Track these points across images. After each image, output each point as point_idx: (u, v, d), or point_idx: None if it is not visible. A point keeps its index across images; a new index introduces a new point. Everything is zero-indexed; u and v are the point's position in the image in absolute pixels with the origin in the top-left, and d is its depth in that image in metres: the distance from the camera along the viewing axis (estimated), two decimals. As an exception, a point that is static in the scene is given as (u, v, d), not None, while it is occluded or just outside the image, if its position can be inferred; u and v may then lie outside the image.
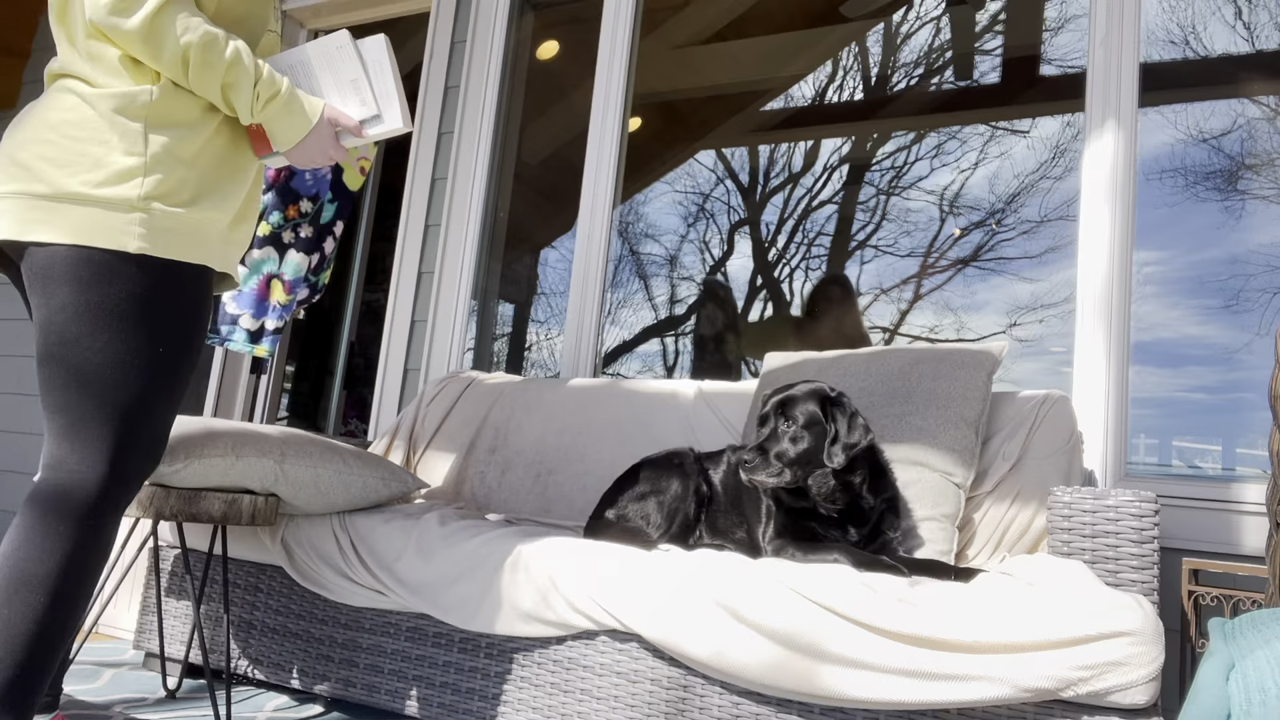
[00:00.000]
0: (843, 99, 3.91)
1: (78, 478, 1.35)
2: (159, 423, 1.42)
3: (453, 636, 1.86)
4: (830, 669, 1.44)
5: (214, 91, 1.44)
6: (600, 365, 3.28)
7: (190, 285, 1.42)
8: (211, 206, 1.45)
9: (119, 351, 1.35)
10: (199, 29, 1.40)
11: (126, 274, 1.35)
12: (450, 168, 3.39)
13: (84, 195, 1.34)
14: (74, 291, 1.34)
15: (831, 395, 1.78)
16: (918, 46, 3.75)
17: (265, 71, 1.47)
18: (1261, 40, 2.70)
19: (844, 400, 1.78)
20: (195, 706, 1.99)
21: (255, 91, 1.45)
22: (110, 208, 1.35)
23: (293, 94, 1.49)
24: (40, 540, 1.31)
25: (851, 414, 1.76)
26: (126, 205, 1.35)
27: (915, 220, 3.56)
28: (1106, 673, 1.29)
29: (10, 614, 1.29)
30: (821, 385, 1.80)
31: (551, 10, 3.74)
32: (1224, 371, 2.60)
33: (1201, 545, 2.14)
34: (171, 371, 1.40)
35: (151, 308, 1.37)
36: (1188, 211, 2.68)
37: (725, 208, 3.97)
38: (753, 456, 1.71)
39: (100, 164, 1.36)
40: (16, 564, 1.30)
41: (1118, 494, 1.61)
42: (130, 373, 1.36)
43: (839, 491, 1.76)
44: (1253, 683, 1.16)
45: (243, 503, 1.86)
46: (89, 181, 1.35)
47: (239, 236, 1.56)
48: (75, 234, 1.33)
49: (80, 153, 1.37)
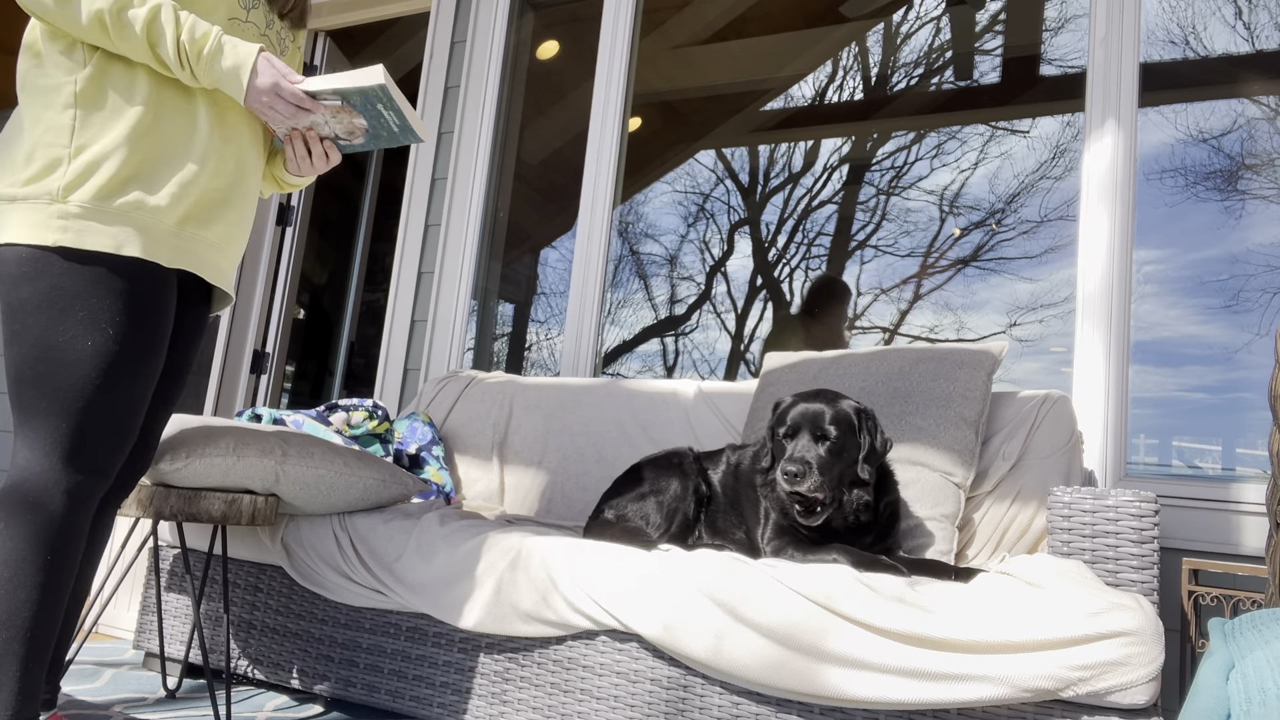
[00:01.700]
0: (843, 99, 3.91)
1: (28, 472, 1.35)
2: (108, 413, 1.38)
3: (453, 636, 1.86)
4: (830, 668, 1.44)
5: (138, 50, 1.38)
6: (600, 365, 3.28)
7: (122, 279, 1.37)
8: (147, 195, 1.40)
9: (46, 347, 1.34)
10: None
11: (50, 269, 1.33)
12: (450, 168, 3.39)
13: (10, 195, 1.35)
14: (5, 291, 1.35)
15: (862, 409, 1.79)
16: (918, 46, 3.75)
17: (189, 20, 1.39)
18: (1261, 40, 2.70)
19: (873, 413, 1.80)
20: (195, 706, 1.99)
21: (180, 43, 1.38)
22: (33, 203, 1.34)
23: (223, 39, 1.41)
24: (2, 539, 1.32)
25: (879, 427, 1.79)
26: (47, 198, 1.34)
27: (915, 220, 3.56)
28: (1106, 673, 1.29)
29: None
30: (848, 397, 1.81)
31: (551, 10, 3.74)
32: (1224, 371, 2.60)
33: (1201, 545, 2.14)
34: (109, 365, 1.37)
35: (78, 300, 1.34)
36: (1187, 211, 2.69)
37: (725, 208, 3.98)
38: (798, 468, 1.69)
39: (28, 161, 1.37)
40: None
41: (1118, 494, 1.61)
42: (59, 368, 1.34)
43: (864, 504, 1.77)
44: (1253, 683, 1.16)
45: (243, 503, 1.86)
46: (15, 181, 1.36)
47: (210, 236, 1.50)
48: (4, 234, 1.34)
49: (11, 155, 1.38)
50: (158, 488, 1.79)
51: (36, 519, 1.33)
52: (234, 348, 3.82)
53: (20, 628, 1.31)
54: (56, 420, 1.35)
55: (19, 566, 1.32)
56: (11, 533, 1.32)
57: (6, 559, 1.32)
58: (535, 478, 2.62)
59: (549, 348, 4.00)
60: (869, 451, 1.75)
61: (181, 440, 1.82)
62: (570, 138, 3.60)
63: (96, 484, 1.41)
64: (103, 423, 1.39)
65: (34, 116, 1.39)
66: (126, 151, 1.39)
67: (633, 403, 2.62)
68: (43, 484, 1.34)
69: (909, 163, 3.66)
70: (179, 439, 1.83)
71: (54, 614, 1.36)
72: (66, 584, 1.38)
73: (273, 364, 3.85)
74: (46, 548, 1.34)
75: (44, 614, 1.34)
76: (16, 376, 1.36)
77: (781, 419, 1.78)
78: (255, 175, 1.59)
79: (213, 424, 1.93)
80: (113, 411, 1.40)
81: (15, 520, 1.33)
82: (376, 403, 2.57)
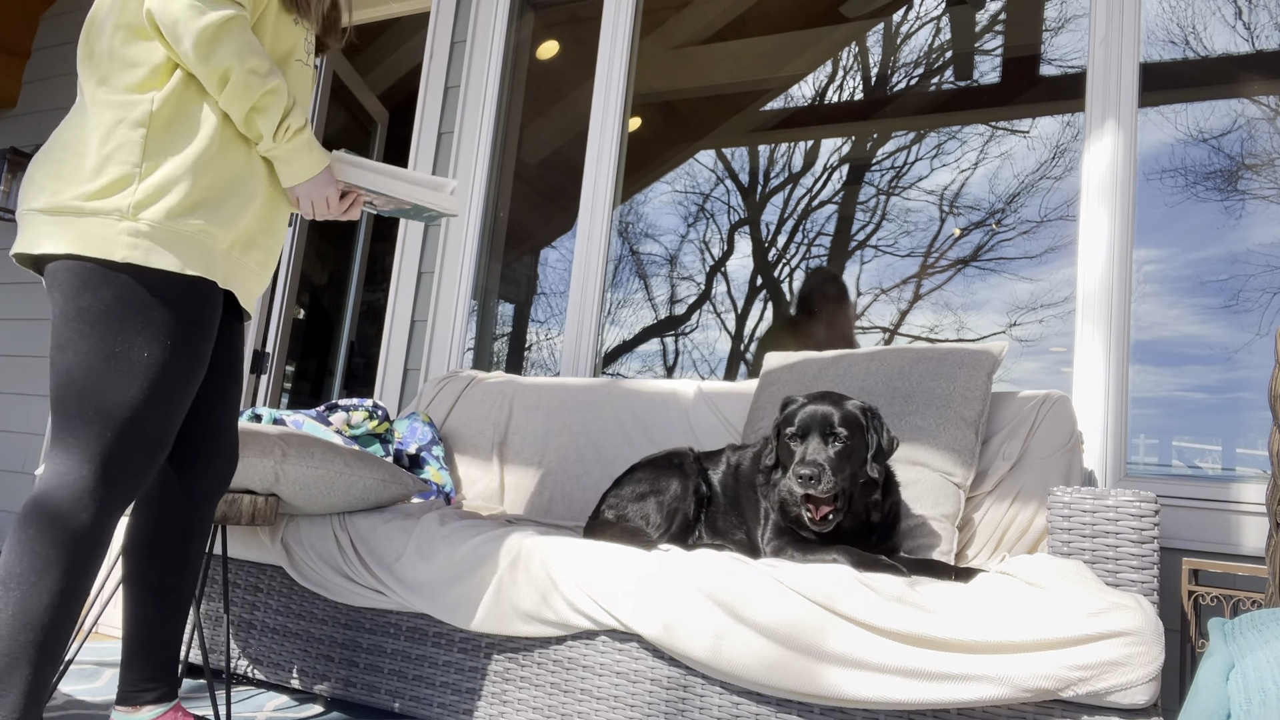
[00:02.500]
0: (843, 99, 3.91)
1: (66, 479, 1.36)
2: (147, 428, 1.41)
3: (453, 636, 1.86)
4: (830, 668, 1.44)
5: (240, 110, 1.45)
6: (600, 365, 3.28)
7: (183, 296, 1.42)
8: (211, 221, 1.46)
9: (101, 356, 1.36)
10: (252, 51, 1.42)
11: (113, 282, 1.37)
12: (450, 168, 3.39)
13: (78, 208, 1.37)
14: (64, 299, 1.37)
15: (868, 408, 1.79)
16: (918, 46, 3.75)
17: (294, 104, 1.50)
18: (1261, 40, 2.70)
19: (879, 412, 1.80)
20: (195, 706, 1.99)
21: (286, 123, 1.48)
22: (102, 218, 1.37)
23: (312, 135, 1.54)
24: (27, 540, 1.32)
25: (885, 425, 1.79)
26: (117, 215, 1.37)
27: (915, 220, 3.56)
28: (1106, 673, 1.29)
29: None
30: (852, 398, 1.81)
31: (551, 10, 3.74)
32: (1224, 371, 2.60)
33: (1201, 545, 2.14)
34: (160, 378, 1.40)
35: (137, 314, 1.38)
36: (1187, 211, 2.69)
37: (725, 208, 3.98)
38: (811, 470, 1.68)
39: (97, 174, 1.39)
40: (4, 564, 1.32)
41: (1118, 494, 1.61)
42: (111, 377, 1.36)
43: (873, 503, 1.77)
44: (1253, 683, 1.16)
45: (243, 503, 1.86)
46: (83, 194, 1.38)
47: (250, 262, 1.57)
48: (70, 245, 1.36)
49: (78, 166, 1.40)
50: (158, 488, 1.79)
51: (67, 527, 1.33)
52: (234, 348, 3.82)
53: (37, 633, 1.31)
54: (101, 429, 1.36)
55: (43, 573, 1.32)
56: (42, 539, 1.32)
57: (33, 564, 1.31)
58: (535, 478, 2.62)
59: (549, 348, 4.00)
60: (876, 450, 1.75)
61: (181, 440, 1.82)
62: (570, 138, 3.60)
63: (130, 496, 1.42)
64: (146, 435, 1.41)
65: (104, 131, 1.41)
66: (195, 176, 1.44)
67: (633, 403, 2.62)
68: (78, 493, 1.35)
69: (909, 163, 3.66)
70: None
71: (71, 623, 1.37)
72: (86, 593, 1.39)
73: (273, 364, 3.85)
74: (73, 556, 1.34)
75: (62, 622, 1.34)
76: (66, 384, 1.37)
77: (789, 420, 1.78)
78: (288, 208, 1.66)
79: (213, 424, 1.93)
80: (156, 424, 1.42)
81: (46, 527, 1.33)
82: (376, 403, 2.57)
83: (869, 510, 1.78)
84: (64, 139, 1.44)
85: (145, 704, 1.60)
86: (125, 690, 1.61)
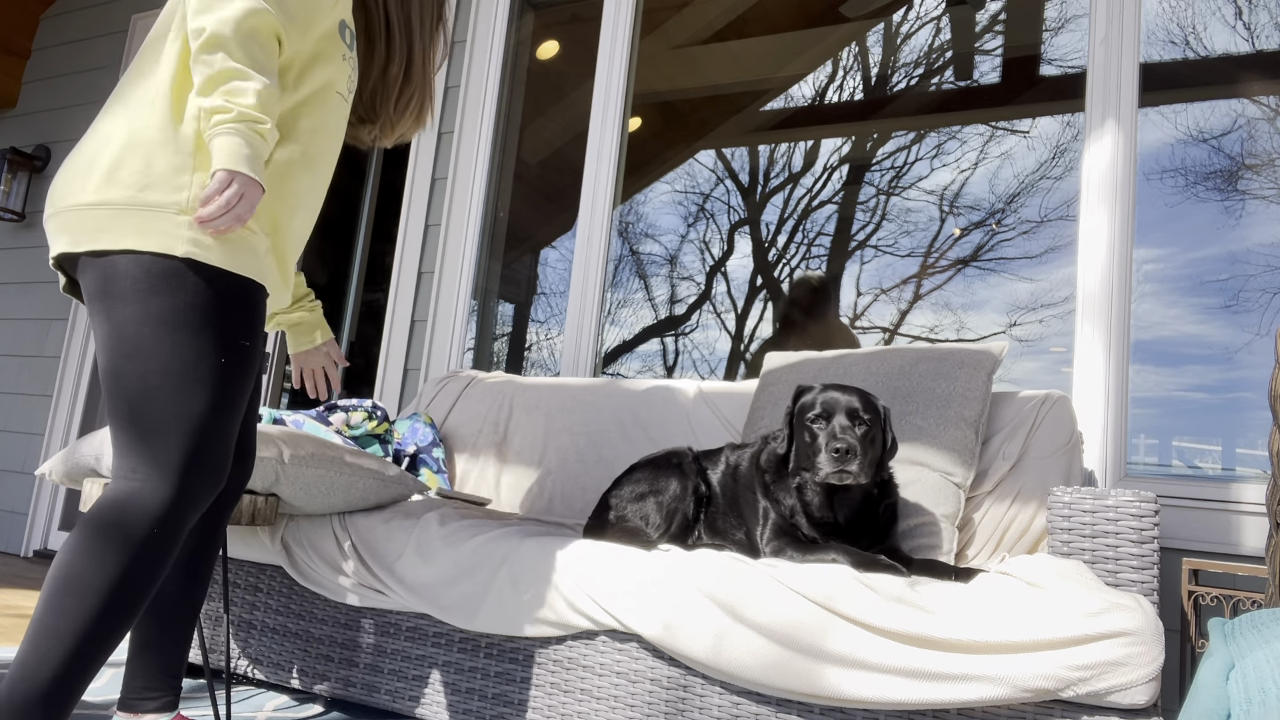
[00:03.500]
0: (843, 99, 3.91)
1: (143, 490, 1.32)
2: (224, 436, 1.39)
3: (453, 636, 1.86)
4: (830, 668, 1.44)
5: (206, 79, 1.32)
6: (600, 365, 3.28)
7: (244, 297, 1.39)
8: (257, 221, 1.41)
9: (183, 362, 1.33)
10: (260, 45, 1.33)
11: (184, 283, 1.32)
12: (450, 168, 3.39)
13: (131, 199, 1.32)
14: (136, 302, 1.31)
15: (885, 405, 1.81)
16: (918, 46, 3.75)
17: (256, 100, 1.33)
18: (1261, 40, 2.70)
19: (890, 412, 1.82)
20: (195, 706, 1.99)
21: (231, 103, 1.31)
22: (159, 212, 1.32)
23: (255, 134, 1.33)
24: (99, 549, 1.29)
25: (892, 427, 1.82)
26: (175, 208, 1.33)
27: (915, 220, 3.56)
28: (1106, 673, 1.29)
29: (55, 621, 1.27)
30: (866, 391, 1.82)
31: (551, 10, 3.74)
32: (1224, 370, 2.60)
33: (1201, 545, 2.14)
34: (231, 383, 1.38)
35: (210, 317, 1.34)
36: (1187, 211, 2.68)
37: (725, 208, 3.97)
38: (845, 444, 1.64)
39: (148, 168, 1.34)
40: (69, 571, 1.28)
41: (1118, 494, 1.61)
42: (194, 384, 1.33)
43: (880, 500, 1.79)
44: (1252, 683, 1.16)
45: (243, 502, 1.86)
46: (134, 185, 1.33)
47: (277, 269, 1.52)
48: (125, 238, 1.31)
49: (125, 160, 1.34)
50: (158, 488, 1.79)
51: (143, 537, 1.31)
52: (234, 348, 3.82)
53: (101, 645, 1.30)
54: (180, 438, 1.33)
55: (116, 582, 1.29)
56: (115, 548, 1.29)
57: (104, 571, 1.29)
58: (535, 477, 2.62)
59: (549, 348, 4.00)
60: (889, 446, 1.77)
61: (181, 440, 1.82)
62: (570, 138, 3.60)
63: (205, 504, 1.40)
64: (222, 439, 1.38)
65: (159, 126, 1.36)
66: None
67: (633, 403, 2.62)
68: (157, 502, 1.32)
69: (909, 163, 3.66)
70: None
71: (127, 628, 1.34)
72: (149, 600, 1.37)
73: (273, 364, 3.85)
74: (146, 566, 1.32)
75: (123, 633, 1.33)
76: (139, 393, 1.32)
77: (811, 404, 1.76)
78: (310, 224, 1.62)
79: (213, 424, 1.93)
80: (228, 430, 1.40)
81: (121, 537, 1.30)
82: (376, 403, 2.57)
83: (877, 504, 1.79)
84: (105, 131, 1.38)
85: (147, 711, 1.60)
86: (127, 696, 1.61)
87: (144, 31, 4.44)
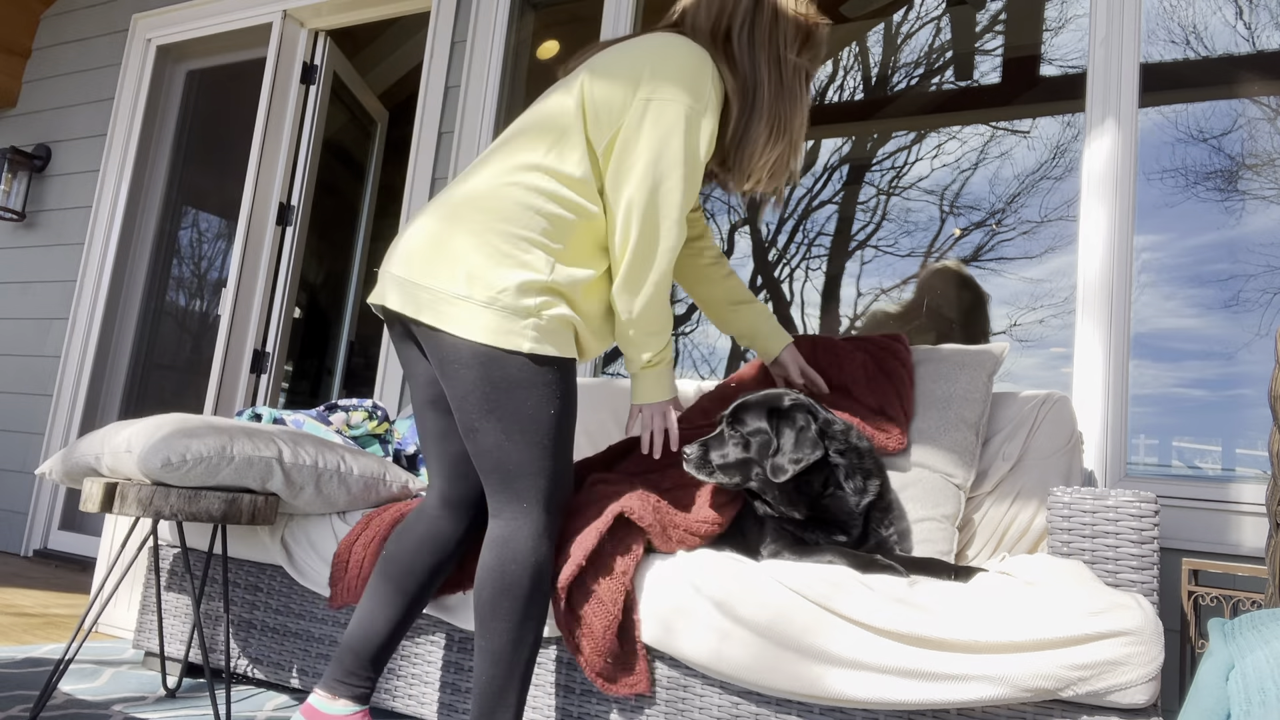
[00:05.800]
0: (843, 99, 3.91)
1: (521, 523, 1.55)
2: (568, 480, 1.61)
3: (453, 636, 1.86)
4: (829, 668, 1.44)
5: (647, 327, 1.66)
6: (600, 365, 3.28)
7: (569, 371, 1.59)
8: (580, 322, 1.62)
9: (530, 430, 1.53)
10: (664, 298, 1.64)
11: (524, 369, 1.52)
12: (450, 167, 3.39)
13: (489, 299, 1.50)
14: (480, 381, 1.51)
15: (783, 408, 1.72)
16: (918, 46, 3.75)
17: (669, 339, 1.70)
18: (1261, 40, 2.70)
19: (794, 414, 1.71)
20: (195, 706, 1.99)
21: (660, 355, 1.71)
22: (512, 315, 1.50)
23: (670, 368, 1.74)
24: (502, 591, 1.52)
25: (800, 428, 1.70)
26: (525, 313, 1.51)
27: (915, 220, 3.56)
28: (1106, 672, 1.29)
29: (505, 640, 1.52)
30: (780, 395, 1.76)
31: (551, 10, 3.74)
32: (1223, 369, 2.60)
33: (1201, 545, 2.14)
34: (565, 441, 1.58)
35: (545, 393, 1.53)
36: (1188, 211, 2.69)
37: (725, 208, 3.97)
38: (693, 452, 1.74)
39: (518, 270, 1.52)
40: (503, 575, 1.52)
41: (1117, 494, 1.61)
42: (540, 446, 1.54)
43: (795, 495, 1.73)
44: (1252, 683, 1.16)
45: (242, 502, 1.86)
46: (494, 286, 1.50)
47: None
48: (479, 334, 1.49)
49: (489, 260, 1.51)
50: (157, 487, 1.79)
51: (539, 566, 1.53)
52: (234, 347, 3.82)
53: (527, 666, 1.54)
54: (542, 481, 1.55)
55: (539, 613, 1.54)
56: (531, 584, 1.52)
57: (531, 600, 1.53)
58: (535, 477, 2.61)
59: (549, 347, 3.99)
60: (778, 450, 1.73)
61: (182, 440, 1.82)
62: (570, 137, 3.59)
63: (560, 525, 1.62)
64: (564, 471, 1.59)
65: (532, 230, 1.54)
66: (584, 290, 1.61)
67: (633, 402, 2.62)
68: (537, 532, 1.54)
69: (909, 163, 3.66)
70: (179, 438, 1.83)
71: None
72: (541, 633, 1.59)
73: (273, 364, 3.85)
74: (544, 590, 1.55)
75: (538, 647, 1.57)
76: (501, 453, 1.53)
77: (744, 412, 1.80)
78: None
79: (213, 423, 1.93)
80: (569, 466, 1.61)
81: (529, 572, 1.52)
82: (376, 403, 2.56)
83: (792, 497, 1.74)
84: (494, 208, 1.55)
85: (343, 696, 1.62)
86: (331, 678, 1.63)
87: (144, 31, 4.43)
